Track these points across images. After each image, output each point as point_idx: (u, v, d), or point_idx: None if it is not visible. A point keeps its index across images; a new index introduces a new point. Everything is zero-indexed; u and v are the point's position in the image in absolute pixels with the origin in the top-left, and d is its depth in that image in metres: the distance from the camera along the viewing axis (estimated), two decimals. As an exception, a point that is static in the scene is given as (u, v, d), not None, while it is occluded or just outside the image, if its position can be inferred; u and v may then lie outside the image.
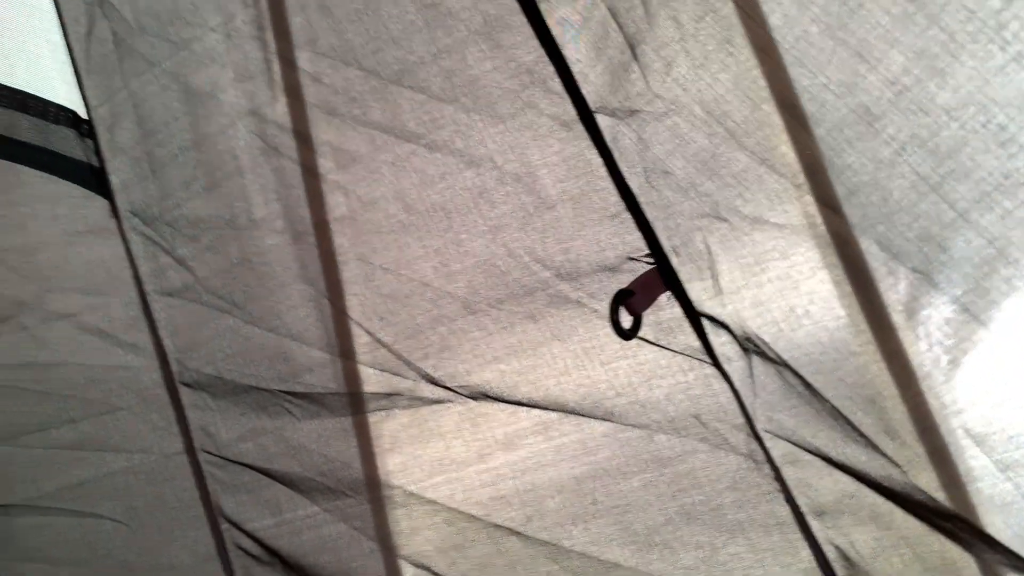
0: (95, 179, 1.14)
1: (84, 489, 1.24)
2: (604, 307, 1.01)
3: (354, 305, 1.09)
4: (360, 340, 1.11)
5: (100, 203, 1.15)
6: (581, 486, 1.08)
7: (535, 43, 0.92)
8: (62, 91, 1.12)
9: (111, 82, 1.09)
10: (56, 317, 1.19)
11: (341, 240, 1.07)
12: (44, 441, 1.22)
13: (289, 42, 1.07)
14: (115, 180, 1.13)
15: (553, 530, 1.10)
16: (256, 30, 1.01)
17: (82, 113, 1.13)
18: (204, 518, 1.26)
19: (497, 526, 1.12)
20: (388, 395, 1.13)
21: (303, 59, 1.00)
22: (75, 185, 1.15)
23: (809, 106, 0.79)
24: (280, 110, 1.05)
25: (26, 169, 1.14)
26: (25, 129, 1.13)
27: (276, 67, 1.02)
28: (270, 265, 1.11)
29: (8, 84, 1.12)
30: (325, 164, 1.04)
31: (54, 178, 1.14)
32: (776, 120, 0.84)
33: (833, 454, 0.96)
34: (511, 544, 1.12)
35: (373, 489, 1.17)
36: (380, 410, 1.13)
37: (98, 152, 1.12)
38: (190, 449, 1.24)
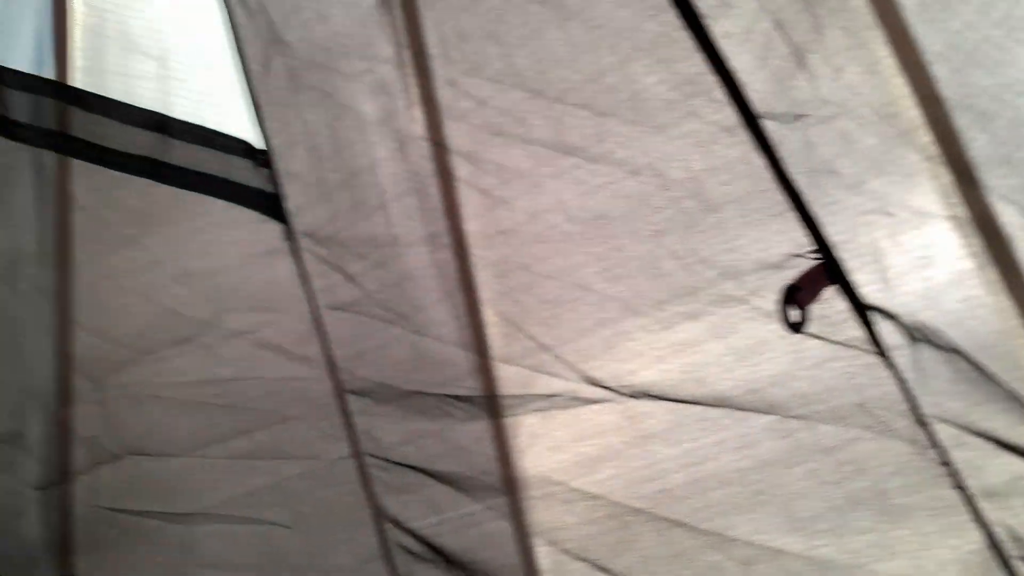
0: (270, 205, 1.23)
1: (258, 497, 1.32)
2: (767, 303, 1.06)
3: (517, 312, 1.15)
4: (522, 345, 1.17)
5: (275, 227, 1.23)
6: (745, 477, 1.13)
7: (698, 56, 0.98)
8: (239, 125, 1.22)
9: (286, 114, 1.17)
10: (234, 335, 1.27)
11: (505, 251, 1.13)
12: (223, 452, 1.31)
13: (425, 69, 1.15)
14: (290, 205, 1.21)
15: (718, 520, 1.14)
16: (422, 61, 1.08)
17: (256, 144, 1.23)
18: (368, 520, 1.34)
19: (662, 518, 1.17)
20: (549, 396, 1.19)
21: (471, 85, 1.08)
22: (252, 211, 1.24)
23: (988, 105, 0.83)
24: (444, 134, 1.12)
25: (210, 198, 1.23)
26: (209, 162, 1.23)
27: (440, 95, 1.10)
28: (435, 278, 1.18)
29: (195, 122, 1.22)
30: (490, 181, 1.11)
31: (234, 205, 1.23)
32: (947, 118, 0.89)
33: (1004, 436, 0.99)
34: (676, 535, 1.16)
35: (535, 487, 1.22)
36: (540, 411, 1.19)
37: (274, 179, 1.21)
38: (356, 453, 1.31)
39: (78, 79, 1.36)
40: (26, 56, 1.38)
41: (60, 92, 1.19)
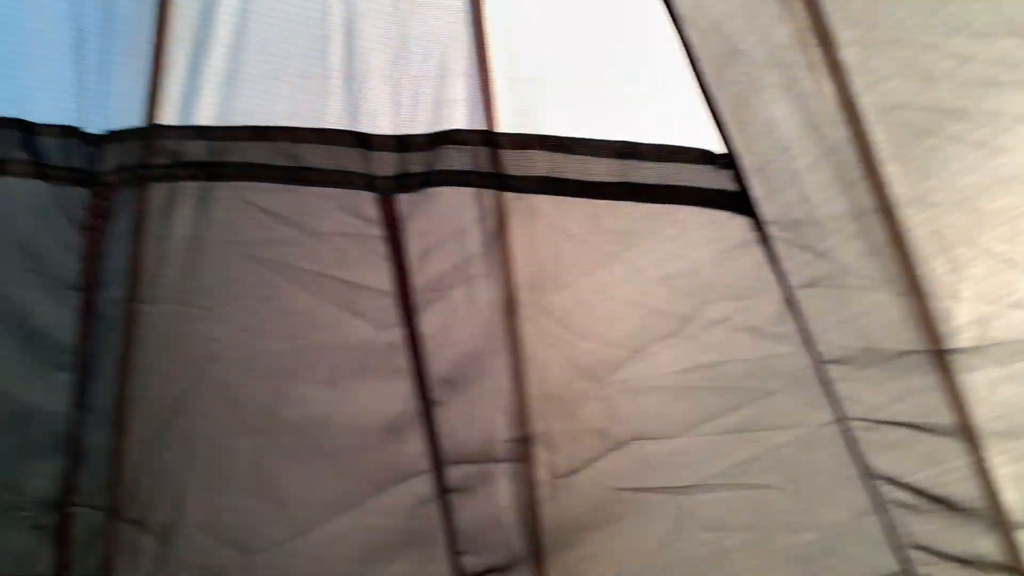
0: (734, 202, 1.33)
1: (750, 465, 1.46)
2: None
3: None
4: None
5: (740, 221, 1.33)
6: None
7: None
8: (689, 134, 1.34)
9: (744, 115, 1.26)
10: (713, 323, 1.40)
11: (1008, 199, 1.13)
12: (715, 429, 1.45)
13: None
14: (754, 196, 1.31)
15: None
16: (900, 32, 1.11)
17: (712, 148, 1.34)
18: (856, 478, 1.41)
19: None
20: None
21: (954, 44, 1.09)
22: (718, 211, 1.35)
23: None
24: (919, 99, 1.14)
25: (679, 207, 1.38)
26: (674, 175, 1.34)
27: (918, 60, 1.12)
28: (921, 238, 1.21)
29: (650, 142, 1.35)
30: (984, 132, 1.11)
31: (701, 209, 1.35)
32: None
33: None
34: None
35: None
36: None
37: (738, 178, 1.31)
38: (839, 418, 1.39)
39: (506, 129, 1.57)
40: (462, 118, 1.62)
41: (548, 143, 1.39)
